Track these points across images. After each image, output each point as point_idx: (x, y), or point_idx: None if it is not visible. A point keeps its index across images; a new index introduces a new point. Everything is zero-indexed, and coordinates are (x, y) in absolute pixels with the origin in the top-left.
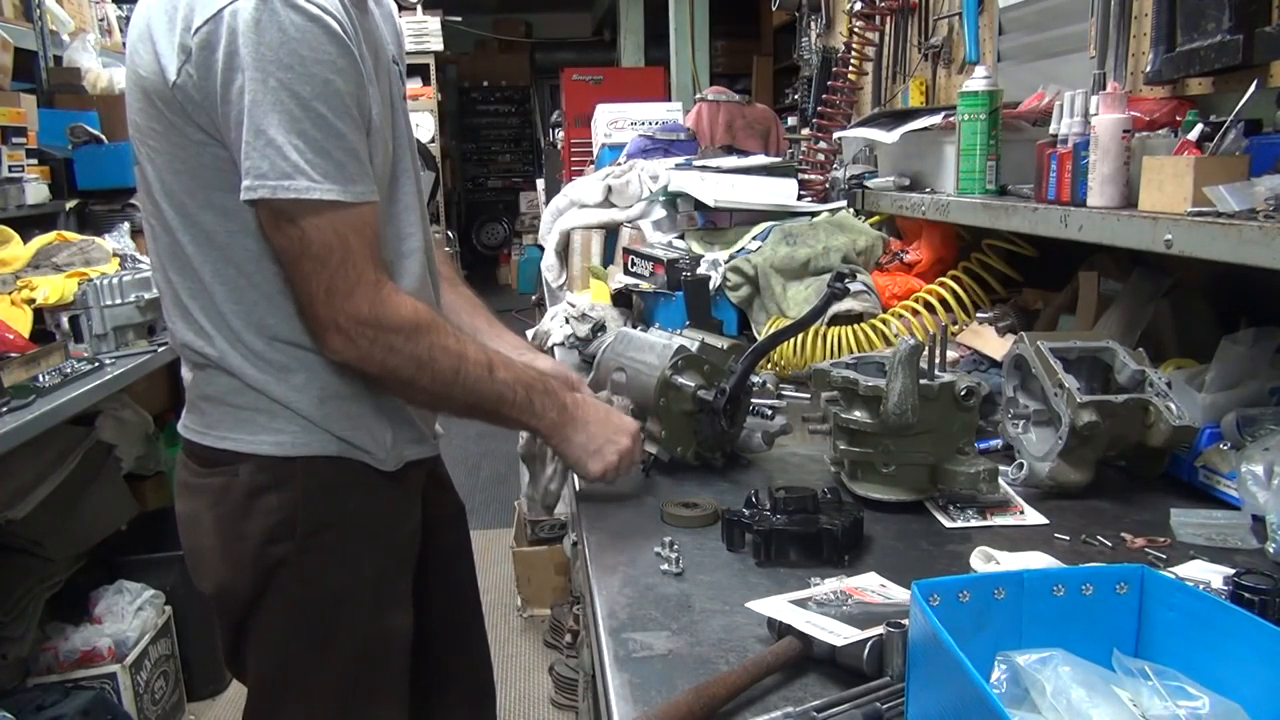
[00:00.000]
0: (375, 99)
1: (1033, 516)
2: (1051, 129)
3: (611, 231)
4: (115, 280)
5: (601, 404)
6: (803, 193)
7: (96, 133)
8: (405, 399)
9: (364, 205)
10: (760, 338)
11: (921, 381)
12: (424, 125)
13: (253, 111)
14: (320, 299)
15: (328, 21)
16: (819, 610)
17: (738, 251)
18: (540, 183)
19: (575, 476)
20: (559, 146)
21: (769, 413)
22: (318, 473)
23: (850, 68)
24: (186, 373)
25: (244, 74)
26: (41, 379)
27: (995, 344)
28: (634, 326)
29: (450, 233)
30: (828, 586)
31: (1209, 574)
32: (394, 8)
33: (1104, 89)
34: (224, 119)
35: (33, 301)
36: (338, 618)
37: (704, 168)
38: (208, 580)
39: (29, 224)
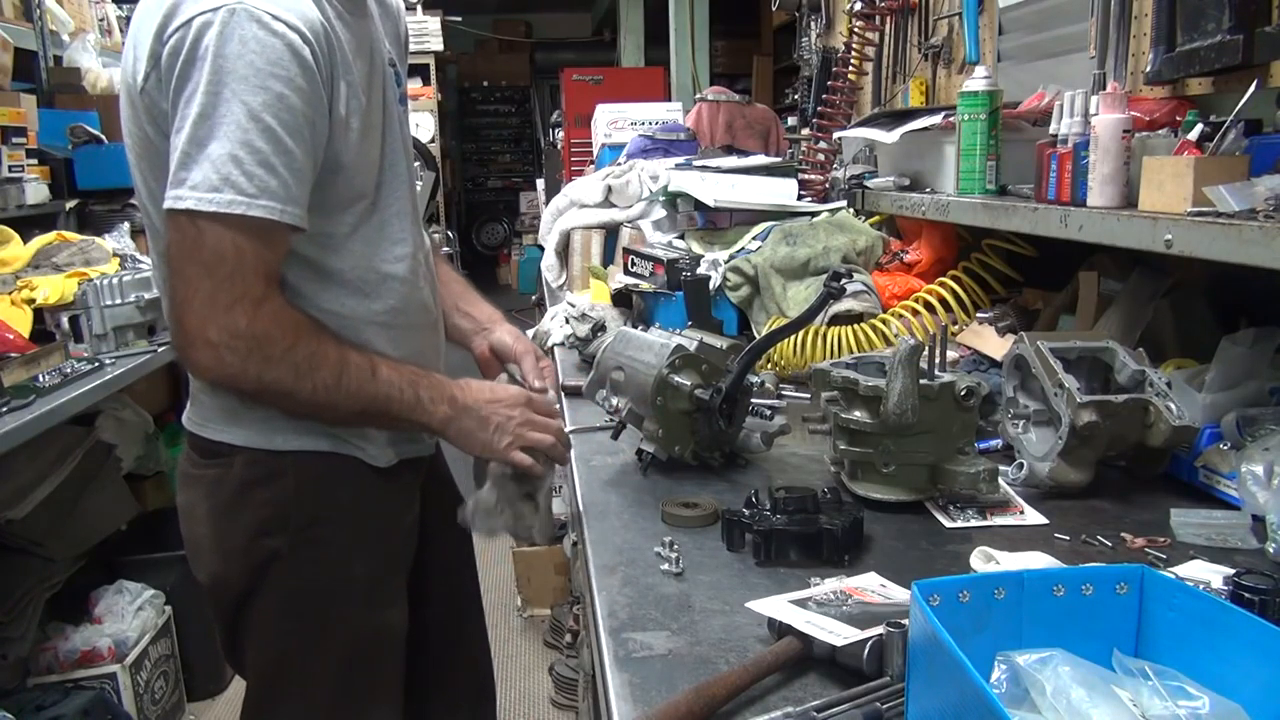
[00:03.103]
0: (357, 109)
1: (1033, 516)
2: (1051, 129)
3: (611, 231)
4: (115, 280)
5: (484, 383)
6: (803, 193)
7: (96, 133)
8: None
9: (288, 226)
10: (759, 338)
11: (921, 381)
12: (424, 125)
13: (197, 120)
14: (193, 308)
15: (292, 39)
16: (819, 610)
17: (738, 251)
18: (540, 183)
19: (577, 484)
20: (559, 146)
21: (768, 413)
22: (309, 467)
23: (850, 68)
24: None
25: (197, 82)
26: (41, 379)
27: (995, 344)
28: (634, 326)
29: (450, 233)
30: (828, 586)
31: (1209, 574)
32: (400, 6)
33: (1104, 89)
34: (175, 123)
35: (33, 301)
36: (331, 613)
37: (704, 168)
38: (202, 570)
39: (29, 224)
